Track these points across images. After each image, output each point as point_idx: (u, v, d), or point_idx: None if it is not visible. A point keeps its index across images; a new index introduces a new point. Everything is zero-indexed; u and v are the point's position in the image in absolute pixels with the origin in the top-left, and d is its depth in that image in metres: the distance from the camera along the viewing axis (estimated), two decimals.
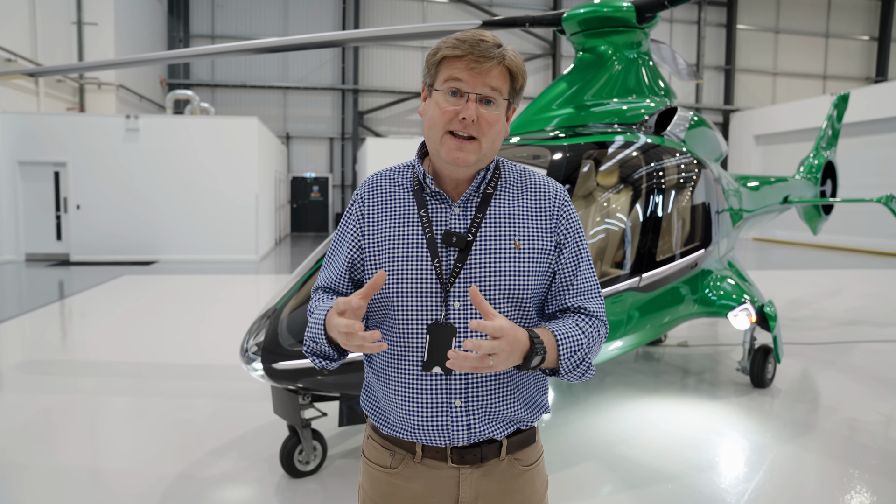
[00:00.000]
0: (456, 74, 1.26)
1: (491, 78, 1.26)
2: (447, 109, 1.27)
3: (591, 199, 3.75)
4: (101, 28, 15.05)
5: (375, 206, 1.38)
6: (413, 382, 1.32)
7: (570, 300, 1.37)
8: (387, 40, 5.48)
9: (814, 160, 8.18)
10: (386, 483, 1.39)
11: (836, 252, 16.86)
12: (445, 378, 1.31)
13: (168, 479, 3.30)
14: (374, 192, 1.41)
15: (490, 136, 1.29)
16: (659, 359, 5.83)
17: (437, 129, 1.29)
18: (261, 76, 20.82)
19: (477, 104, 1.26)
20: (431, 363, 1.26)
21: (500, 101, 1.28)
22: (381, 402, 1.39)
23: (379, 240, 1.35)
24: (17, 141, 12.40)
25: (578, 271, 1.38)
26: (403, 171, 1.42)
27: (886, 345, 6.46)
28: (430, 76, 1.31)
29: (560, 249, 1.37)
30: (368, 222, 1.38)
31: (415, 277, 1.30)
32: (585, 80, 4.69)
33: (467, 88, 1.25)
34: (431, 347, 1.27)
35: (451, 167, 1.31)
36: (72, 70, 12.99)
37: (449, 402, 1.31)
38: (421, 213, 1.34)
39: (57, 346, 6.24)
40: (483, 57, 1.24)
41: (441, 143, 1.29)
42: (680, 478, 3.40)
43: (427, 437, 1.33)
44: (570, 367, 1.28)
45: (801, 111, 19.31)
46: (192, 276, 11.18)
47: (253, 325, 3.29)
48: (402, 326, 1.32)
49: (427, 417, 1.32)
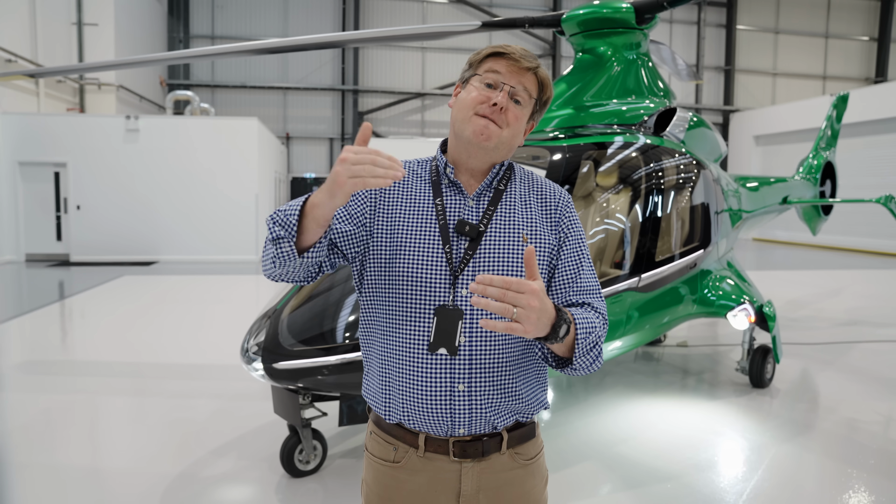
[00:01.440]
0: (495, 67, 1.36)
1: (525, 80, 1.37)
2: (482, 94, 1.36)
3: (591, 199, 3.76)
4: (101, 29, 15.07)
5: (391, 191, 1.43)
6: (418, 364, 1.34)
7: (575, 297, 1.41)
8: (387, 41, 5.49)
9: (813, 160, 8.19)
10: (389, 477, 1.42)
11: (836, 252, 16.87)
12: (450, 361, 1.33)
13: (168, 479, 3.30)
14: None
15: (512, 129, 1.37)
16: (658, 359, 5.84)
17: (466, 109, 1.37)
18: (261, 77, 20.84)
19: (508, 97, 1.35)
20: (437, 344, 1.31)
21: (527, 102, 1.38)
22: (384, 387, 1.40)
23: (392, 222, 1.39)
24: (18, 141, 12.41)
25: (581, 270, 1.43)
26: (422, 164, 1.49)
27: (886, 345, 6.47)
28: (470, 71, 1.41)
29: (561, 248, 1.43)
30: (383, 204, 1.41)
31: (426, 261, 1.35)
32: (585, 81, 4.70)
33: (503, 80, 1.35)
34: (438, 329, 1.31)
35: (473, 148, 1.37)
36: (72, 71, 12.97)
37: (453, 385, 1.34)
38: (436, 202, 1.40)
39: (57, 347, 6.25)
40: (523, 59, 1.36)
41: (469, 122, 1.36)
42: (679, 477, 3.41)
43: (430, 422, 1.35)
44: (584, 349, 1.28)
45: (801, 112, 19.33)
46: (192, 276, 11.19)
47: (253, 326, 3.30)
48: (410, 308, 1.35)
49: (430, 400, 1.34)
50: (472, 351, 1.34)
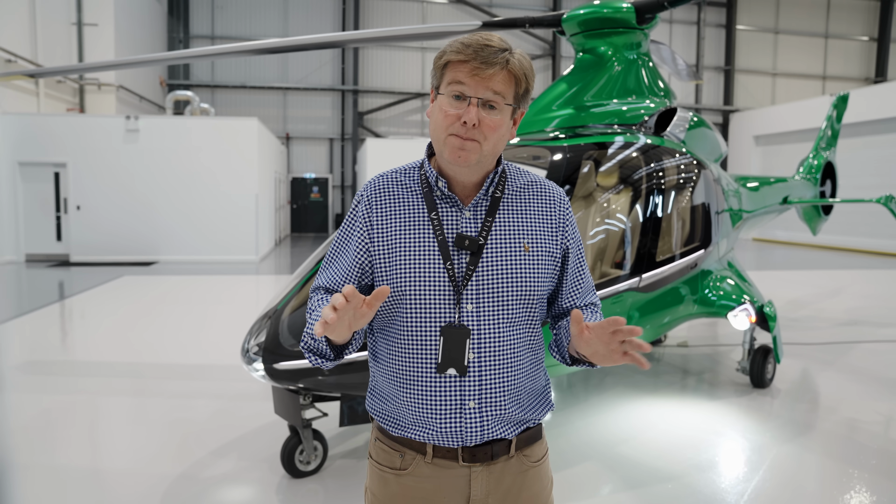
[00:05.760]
0: (459, 78, 1.27)
1: (494, 83, 1.26)
2: (450, 113, 1.28)
3: (591, 199, 3.76)
4: (100, 29, 15.05)
5: (383, 209, 1.38)
6: (427, 384, 1.32)
7: (580, 300, 1.49)
8: (387, 41, 5.49)
9: (813, 160, 8.19)
10: (396, 484, 1.39)
11: (836, 252, 16.87)
12: (459, 380, 1.31)
13: (169, 479, 3.30)
14: (380, 193, 1.39)
15: (491, 140, 1.30)
16: (659, 359, 5.84)
17: (440, 131, 1.31)
18: (261, 77, 20.83)
19: (479, 108, 1.27)
20: (446, 365, 1.28)
21: (502, 105, 1.29)
22: (392, 404, 1.38)
23: (389, 243, 1.35)
24: (18, 141, 12.41)
25: (583, 273, 1.48)
26: (409, 173, 1.42)
27: (886, 345, 6.47)
28: (437, 79, 1.33)
29: (566, 253, 1.44)
30: (377, 226, 1.37)
31: (428, 280, 1.31)
32: (585, 81, 4.69)
33: (469, 93, 1.26)
34: (445, 349, 1.28)
35: (455, 167, 1.33)
36: (72, 71, 12.98)
37: (463, 403, 1.32)
38: (432, 216, 1.35)
39: (57, 347, 6.25)
40: (486, 63, 1.25)
41: (444, 144, 1.31)
42: (680, 477, 3.40)
43: (440, 438, 1.34)
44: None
45: (801, 112, 19.32)
46: (191, 276, 11.18)
47: (254, 326, 3.30)
48: (415, 329, 1.32)
49: (441, 419, 1.32)
50: (481, 368, 1.32)
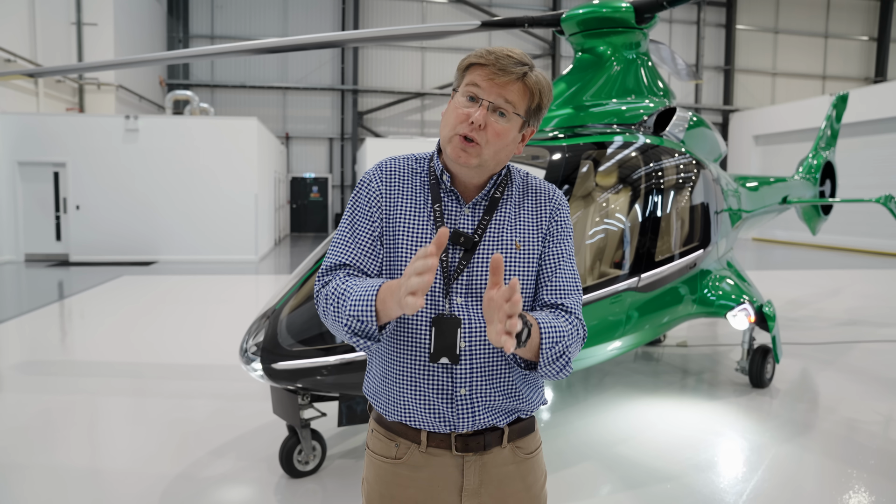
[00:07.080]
0: (476, 81, 1.31)
1: (508, 91, 1.30)
2: (461, 112, 1.32)
3: (590, 199, 3.76)
4: (100, 28, 15.05)
5: (394, 189, 1.41)
6: (419, 372, 1.36)
7: (548, 296, 1.39)
8: (386, 41, 5.48)
9: (813, 160, 8.19)
10: (391, 474, 1.43)
11: (836, 252, 16.87)
12: (451, 368, 1.35)
13: (168, 479, 3.30)
14: (394, 174, 1.43)
15: (494, 146, 1.32)
16: (658, 359, 5.84)
17: (448, 128, 1.35)
18: (260, 76, 20.82)
19: (488, 112, 1.30)
20: (438, 354, 1.31)
21: (512, 115, 1.32)
22: (387, 389, 1.41)
23: (395, 225, 1.39)
24: (17, 141, 12.41)
25: (558, 268, 1.41)
26: (421, 162, 1.45)
27: (885, 345, 6.47)
28: (457, 81, 1.37)
29: (544, 245, 1.41)
30: (389, 205, 1.40)
31: None
32: (584, 81, 4.69)
33: (482, 95, 1.30)
34: (437, 339, 1.31)
35: (456, 166, 1.36)
36: (71, 70, 12.96)
37: (454, 390, 1.36)
38: (435, 207, 1.38)
39: (57, 347, 6.24)
40: (503, 70, 1.28)
41: (449, 142, 1.34)
42: (679, 477, 3.40)
43: (433, 423, 1.37)
44: (550, 357, 1.28)
45: (801, 111, 19.33)
46: (191, 276, 11.18)
47: (252, 326, 3.30)
48: (407, 317, 1.35)
49: (432, 404, 1.36)
50: (472, 356, 1.35)
